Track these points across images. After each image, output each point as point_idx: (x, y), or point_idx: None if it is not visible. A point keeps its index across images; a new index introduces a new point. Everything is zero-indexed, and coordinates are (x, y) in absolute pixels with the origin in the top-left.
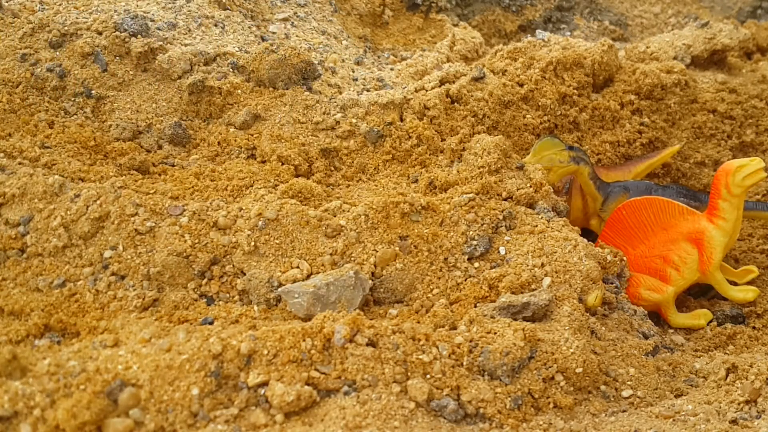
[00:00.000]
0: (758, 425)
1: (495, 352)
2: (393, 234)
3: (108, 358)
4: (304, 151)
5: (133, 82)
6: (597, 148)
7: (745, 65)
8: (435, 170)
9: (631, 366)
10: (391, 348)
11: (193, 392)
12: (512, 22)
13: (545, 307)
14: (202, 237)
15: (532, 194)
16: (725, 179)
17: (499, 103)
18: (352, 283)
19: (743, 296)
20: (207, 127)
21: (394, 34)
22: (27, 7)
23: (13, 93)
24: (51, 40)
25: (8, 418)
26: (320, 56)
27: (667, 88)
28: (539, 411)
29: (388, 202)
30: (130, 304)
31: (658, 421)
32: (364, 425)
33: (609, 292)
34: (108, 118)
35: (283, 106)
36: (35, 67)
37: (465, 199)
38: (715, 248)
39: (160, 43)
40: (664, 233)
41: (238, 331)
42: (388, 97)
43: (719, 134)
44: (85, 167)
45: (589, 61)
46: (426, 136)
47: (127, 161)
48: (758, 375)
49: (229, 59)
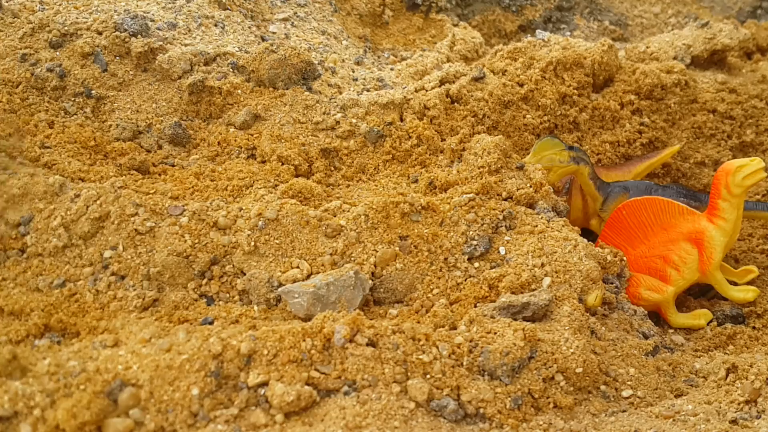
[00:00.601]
0: (758, 425)
1: (495, 352)
2: (393, 234)
3: (108, 358)
4: (304, 151)
5: (133, 82)
6: (597, 148)
7: (745, 65)
8: (435, 170)
9: (631, 366)
10: (391, 348)
11: (193, 392)
12: (512, 22)
13: (545, 307)
14: (202, 237)
15: (532, 194)
16: (725, 179)
17: (499, 103)
18: (352, 283)
19: (743, 296)
20: (207, 127)
21: (394, 34)
22: (27, 7)
23: (13, 93)
24: (51, 40)
25: (8, 418)
26: (320, 56)
27: (667, 88)
28: (539, 411)
29: (388, 202)
30: (130, 304)
31: (658, 421)
32: (364, 425)
33: (609, 292)
34: (108, 118)
35: (283, 106)
36: (35, 67)
37: (465, 199)
38: (715, 248)
39: (160, 43)
40: (664, 233)
41: (238, 331)
42: (388, 97)
43: (719, 134)
44: (85, 167)
45: (589, 61)
46: (426, 136)
47: (127, 161)
48: (758, 375)
49: (229, 59)
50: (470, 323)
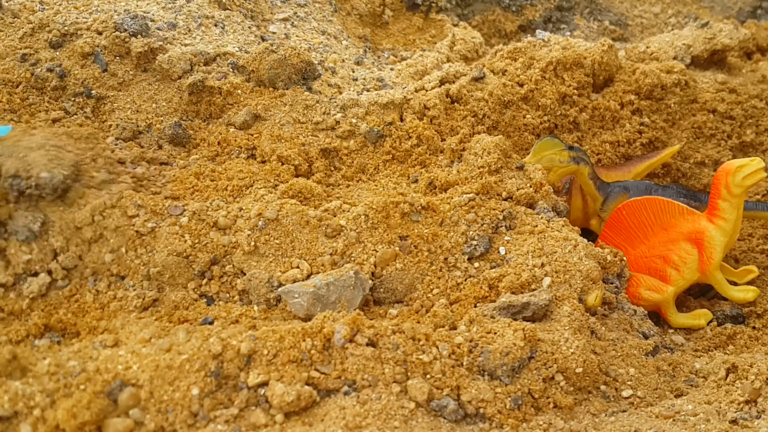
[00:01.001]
0: (758, 425)
1: (495, 352)
2: (393, 234)
3: (108, 358)
4: (304, 151)
5: (133, 82)
6: (597, 148)
7: (745, 65)
8: (435, 170)
9: (631, 366)
10: (391, 348)
11: (193, 392)
12: (512, 22)
13: (545, 307)
14: (202, 237)
15: (532, 194)
16: (725, 179)
17: (499, 103)
18: (352, 283)
19: (743, 296)
20: (207, 127)
21: (394, 34)
22: (27, 7)
23: (13, 93)
24: (51, 40)
25: (8, 418)
26: (320, 56)
27: (667, 88)
28: (539, 411)
29: (388, 202)
30: (130, 304)
31: (658, 421)
32: (364, 425)
33: (609, 292)
34: (108, 118)
35: (283, 106)
36: (35, 67)
37: (465, 199)
38: (715, 248)
39: (160, 43)
40: (664, 233)
41: (238, 331)
42: (388, 97)
43: (719, 134)
44: None
45: (589, 61)
46: (426, 136)
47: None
48: (758, 375)
49: (229, 59)
50: (470, 323)
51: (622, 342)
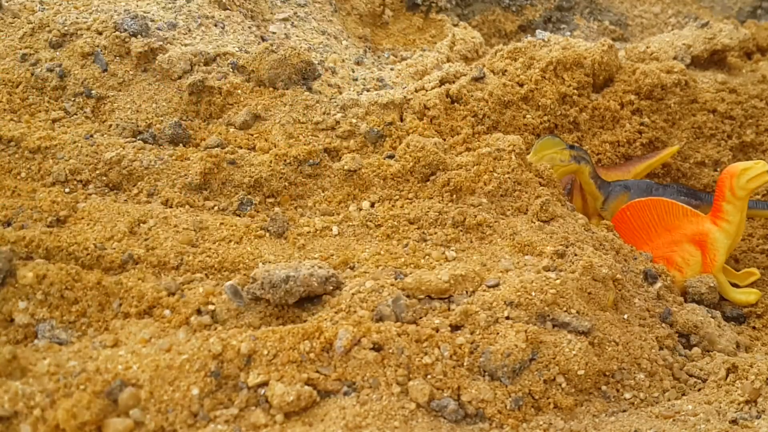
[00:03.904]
0: (758, 425)
1: (496, 353)
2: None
3: (108, 358)
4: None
5: (133, 82)
6: (597, 148)
7: (745, 65)
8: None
9: (635, 367)
10: (393, 349)
11: (193, 392)
12: (512, 22)
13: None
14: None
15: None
16: (729, 182)
17: (499, 103)
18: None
19: (745, 299)
20: (207, 127)
21: (394, 34)
22: (27, 7)
23: (13, 93)
24: (51, 40)
25: (8, 418)
26: (320, 56)
27: (667, 88)
28: (539, 411)
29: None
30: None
31: (658, 421)
32: (364, 425)
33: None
34: (108, 118)
35: (283, 106)
36: (35, 67)
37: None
38: (718, 250)
39: (160, 43)
40: (667, 235)
41: (238, 331)
42: (388, 97)
43: (719, 134)
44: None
45: (589, 61)
46: (426, 136)
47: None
48: (758, 375)
49: (229, 59)
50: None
51: (625, 343)
